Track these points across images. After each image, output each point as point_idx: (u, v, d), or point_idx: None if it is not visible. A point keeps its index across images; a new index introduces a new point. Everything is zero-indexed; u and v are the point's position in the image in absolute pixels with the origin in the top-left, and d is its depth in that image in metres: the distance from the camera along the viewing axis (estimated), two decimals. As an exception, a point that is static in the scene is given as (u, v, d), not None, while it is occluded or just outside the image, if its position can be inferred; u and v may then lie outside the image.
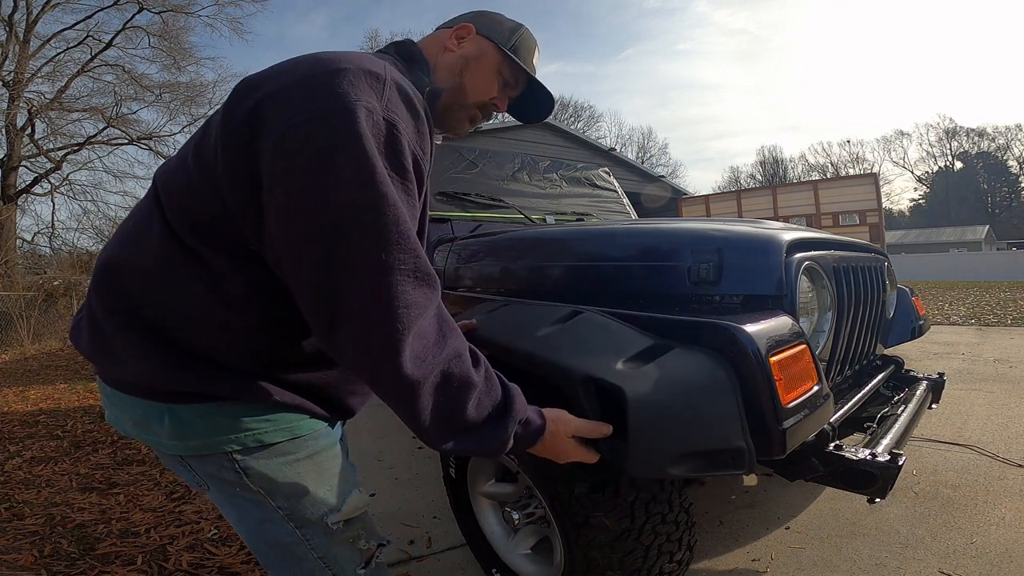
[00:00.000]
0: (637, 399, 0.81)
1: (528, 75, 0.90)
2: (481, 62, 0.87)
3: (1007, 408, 2.87)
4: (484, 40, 0.88)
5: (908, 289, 2.06)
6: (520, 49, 0.90)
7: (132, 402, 0.69)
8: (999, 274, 17.16)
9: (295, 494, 0.72)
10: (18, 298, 8.35)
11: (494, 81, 0.89)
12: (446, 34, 0.87)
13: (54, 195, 15.27)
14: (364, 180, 0.57)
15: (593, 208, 2.83)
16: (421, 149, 0.65)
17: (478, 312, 1.40)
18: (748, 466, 0.85)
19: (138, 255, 0.68)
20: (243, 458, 0.69)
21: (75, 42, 14.83)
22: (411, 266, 0.60)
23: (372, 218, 0.57)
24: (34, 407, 4.04)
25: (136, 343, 0.66)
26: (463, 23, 0.88)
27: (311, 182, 0.57)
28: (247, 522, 0.74)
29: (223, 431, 0.68)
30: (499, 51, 0.88)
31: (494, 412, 0.68)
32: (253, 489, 0.70)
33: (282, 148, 0.58)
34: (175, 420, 0.67)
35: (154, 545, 1.79)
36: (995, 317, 6.98)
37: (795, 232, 1.28)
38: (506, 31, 0.90)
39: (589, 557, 1.03)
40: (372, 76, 0.62)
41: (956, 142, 49.00)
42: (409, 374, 0.59)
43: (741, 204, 9.34)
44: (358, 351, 0.60)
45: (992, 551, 1.53)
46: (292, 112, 0.58)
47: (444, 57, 0.85)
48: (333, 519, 0.74)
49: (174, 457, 0.72)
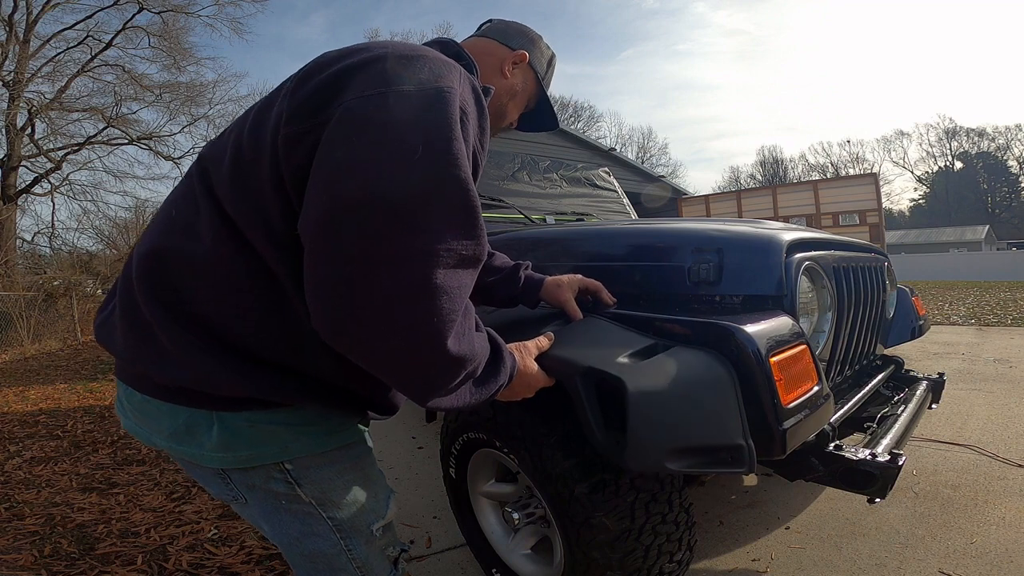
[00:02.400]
0: (637, 392, 0.81)
1: (552, 111, 0.97)
2: (523, 94, 0.92)
3: (1007, 408, 2.87)
4: (531, 72, 0.92)
5: (908, 289, 2.06)
6: (548, 82, 0.96)
7: (173, 411, 0.63)
8: (999, 274, 17.16)
9: (348, 503, 0.70)
10: (18, 298, 8.35)
11: (523, 109, 0.94)
12: (503, 54, 0.89)
13: (54, 195, 15.29)
14: (443, 155, 0.53)
15: (593, 208, 2.83)
16: (480, 144, 0.64)
17: (478, 312, 1.39)
18: (748, 465, 0.85)
19: (187, 244, 0.62)
20: (294, 468, 0.66)
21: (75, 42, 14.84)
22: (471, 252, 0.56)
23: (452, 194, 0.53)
24: (34, 407, 4.04)
25: (188, 342, 0.59)
26: (522, 50, 0.90)
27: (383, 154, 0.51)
28: (289, 533, 0.70)
29: (275, 440, 0.64)
30: (538, 85, 0.93)
31: (490, 360, 0.67)
32: (304, 500, 0.67)
33: (355, 113, 0.53)
34: (224, 429, 0.62)
35: (154, 545, 1.79)
36: (995, 317, 6.98)
37: (795, 232, 1.28)
38: (544, 61, 0.94)
39: (589, 557, 1.03)
40: (448, 65, 0.62)
41: (956, 142, 49.10)
42: (452, 351, 0.56)
43: (741, 204, 9.33)
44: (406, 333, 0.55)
45: (992, 551, 1.53)
46: (373, 83, 0.55)
47: (499, 82, 0.88)
48: (377, 526, 0.73)
49: (212, 471, 0.67)
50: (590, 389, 0.87)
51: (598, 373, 0.86)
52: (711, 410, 0.86)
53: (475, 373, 0.63)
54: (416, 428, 2.88)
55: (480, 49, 0.88)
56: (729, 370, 0.90)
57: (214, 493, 0.72)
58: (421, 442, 2.69)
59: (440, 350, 0.54)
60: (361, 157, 0.51)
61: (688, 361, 0.91)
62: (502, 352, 0.70)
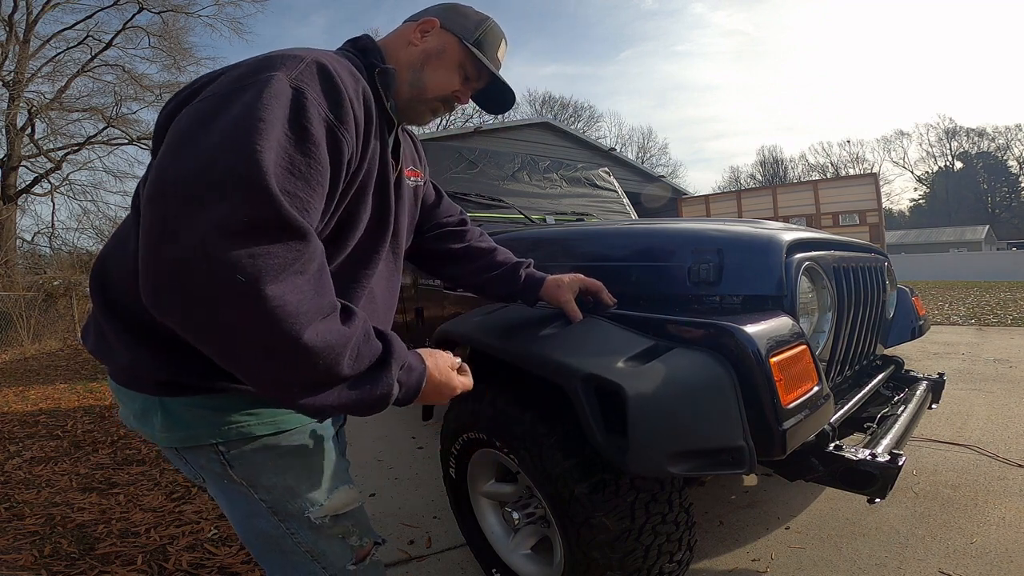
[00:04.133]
0: (637, 397, 0.81)
1: (490, 71, 0.90)
2: (443, 57, 0.87)
3: (1007, 408, 2.87)
4: (447, 34, 0.87)
5: (908, 289, 2.06)
6: (484, 43, 0.89)
7: (131, 395, 0.71)
8: (999, 274, 17.15)
9: (276, 487, 0.72)
10: (18, 298, 8.35)
11: (456, 75, 0.88)
12: (410, 28, 0.87)
13: (54, 195, 15.29)
14: (239, 135, 0.54)
15: (593, 208, 2.83)
16: (339, 120, 0.64)
17: (478, 312, 1.40)
18: (748, 466, 0.85)
19: (121, 247, 0.69)
20: (227, 450, 0.70)
21: (75, 42, 14.85)
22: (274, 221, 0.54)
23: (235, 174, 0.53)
24: (34, 407, 4.04)
25: (123, 333, 0.67)
26: (428, 17, 0.88)
27: (193, 136, 0.55)
28: (236, 513, 0.75)
29: (208, 423, 0.69)
30: (462, 45, 0.87)
31: (376, 363, 0.61)
32: (236, 481, 0.72)
33: (183, 116, 0.59)
34: (166, 413, 0.69)
35: (154, 545, 1.79)
36: (995, 317, 6.98)
37: (795, 232, 1.28)
38: (471, 24, 0.89)
39: (589, 557, 1.03)
40: (290, 58, 0.63)
41: (956, 142, 49.09)
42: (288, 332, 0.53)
43: (741, 204, 9.33)
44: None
45: (992, 551, 1.53)
46: (207, 91, 0.61)
47: (406, 52, 0.85)
48: (317, 514, 0.74)
49: (171, 450, 0.73)
50: (590, 394, 0.87)
51: (598, 379, 0.86)
52: (711, 413, 0.86)
53: (337, 370, 0.56)
54: (416, 428, 2.88)
55: (393, 37, 0.88)
56: (729, 371, 0.90)
57: (185, 473, 0.77)
58: (421, 442, 2.69)
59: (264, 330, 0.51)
60: (165, 148, 0.56)
61: (688, 364, 0.91)
62: (392, 348, 0.63)
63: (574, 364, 0.91)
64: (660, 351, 0.93)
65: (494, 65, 0.91)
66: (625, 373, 0.86)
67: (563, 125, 12.77)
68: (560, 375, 0.93)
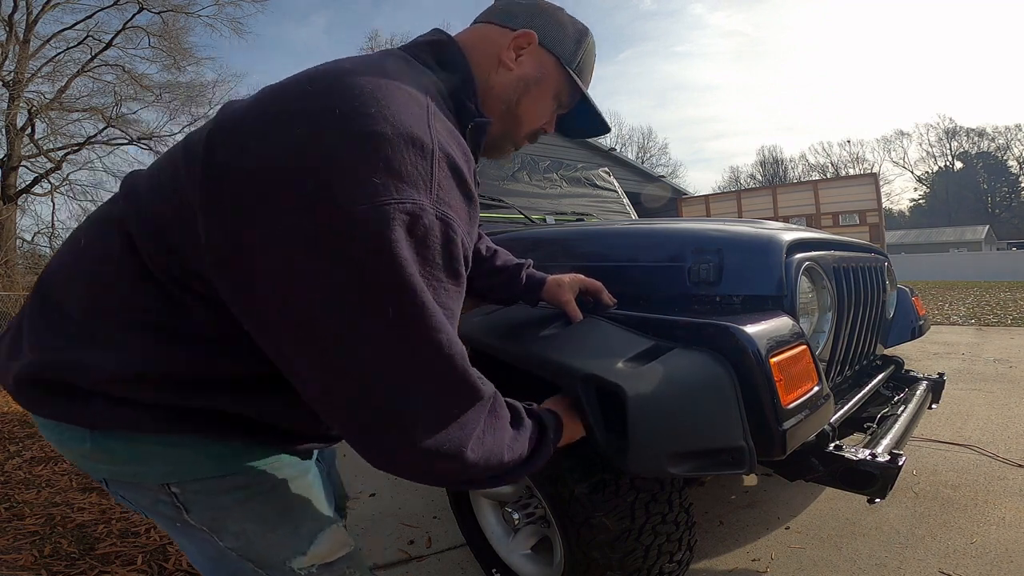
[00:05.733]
0: (637, 398, 0.81)
1: (587, 99, 0.77)
2: (541, 86, 0.72)
3: (1007, 408, 2.87)
4: (546, 55, 0.71)
5: (908, 289, 2.06)
6: (584, 66, 0.75)
7: (46, 424, 0.61)
8: (999, 274, 17.14)
9: (247, 534, 0.61)
10: (18, 298, 8.33)
11: (551, 105, 0.75)
12: (501, 38, 0.70)
13: (54, 195, 15.27)
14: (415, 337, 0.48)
15: (593, 208, 2.83)
16: (470, 232, 0.56)
17: (478, 312, 1.40)
18: (748, 466, 0.85)
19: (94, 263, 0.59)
20: (181, 491, 0.58)
21: (75, 42, 14.83)
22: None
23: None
24: (34, 407, 4.04)
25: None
26: (524, 29, 0.70)
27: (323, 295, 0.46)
28: (200, 556, 0.64)
29: (156, 460, 0.57)
30: (562, 71, 0.72)
31: (537, 445, 0.65)
32: (195, 526, 0.60)
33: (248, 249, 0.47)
34: (96, 444, 0.57)
35: (154, 545, 1.79)
36: (995, 317, 6.98)
37: (795, 232, 1.28)
38: (571, 42, 0.73)
39: (589, 557, 1.03)
40: (416, 147, 0.48)
41: (956, 142, 49.10)
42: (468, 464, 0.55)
43: (741, 204, 9.34)
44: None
45: (992, 551, 1.53)
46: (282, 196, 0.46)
47: (499, 77, 0.69)
48: (300, 563, 0.63)
49: (100, 479, 0.62)
50: (591, 394, 0.87)
51: (598, 379, 0.86)
52: (712, 413, 0.86)
53: (513, 467, 0.60)
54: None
55: (475, 44, 0.70)
56: (729, 371, 0.90)
57: (127, 506, 0.67)
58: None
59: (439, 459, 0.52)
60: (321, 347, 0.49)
61: (688, 364, 0.91)
62: (547, 433, 0.68)
63: (574, 364, 0.91)
64: (660, 351, 0.93)
65: (587, 87, 0.77)
66: (625, 373, 0.86)
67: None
68: (560, 375, 0.93)
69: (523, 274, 1.09)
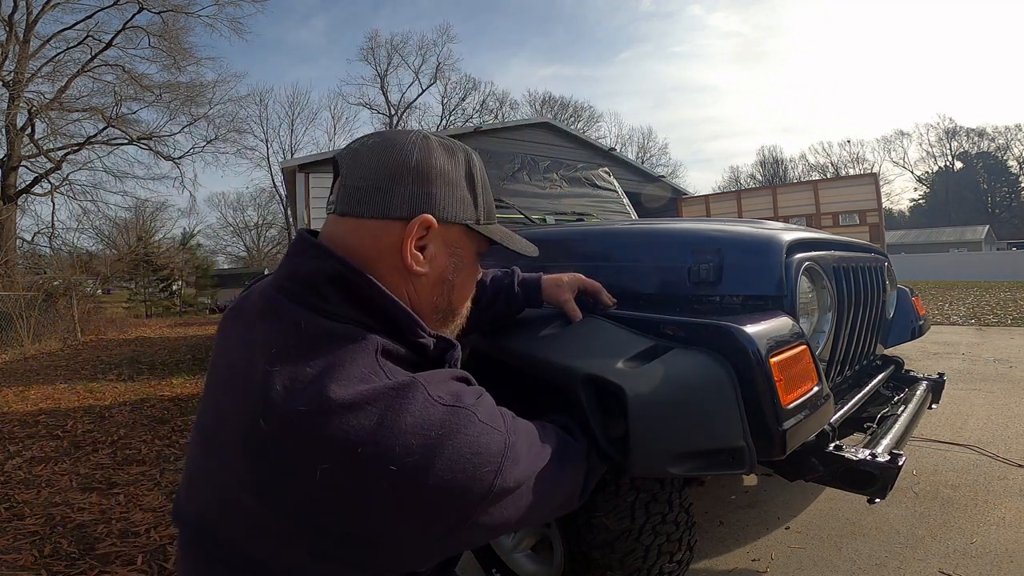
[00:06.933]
0: (637, 398, 0.81)
1: (495, 228, 0.67)
2: (462, 266, 0.63)
3: (1007, 408, 2.87)
4: (451, 229, 0.60)
5: (908, 289, 2.06)
6: (488, 199, 0.65)
7: None
8: (999, 274, 17.16)
9: None
10: (18, 298, 8.34)
11: (477, 270, 0.68)
12: (387, 236, 0.55)
13: (54, 195, 15.29)
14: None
15: (593, 208, 2.83)
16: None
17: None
18: (748, 466, 0.85)
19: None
20: None
21: (75, 42, 14.86)
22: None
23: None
24: (34, 407, 4.04)
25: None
26: (416, 217, 0.55)
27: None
28: None
29: None
30: (471, 233, 0.62)
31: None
32: None
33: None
34: None
35: (154, 545, 1.79)
36: (995, 317, 6.98)
37: (795, 232, 1.28)
38: (466, 188, 0.61)
39: (589, 557, 1.03)
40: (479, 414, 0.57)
41: (956, 142, 49.08)
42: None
43: (741, 204, 9.33)
44: None
45: (992, 551, 1.53)
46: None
47: (417, 286, 0.58)
48: None
49: None
50: (591, 395, 0.87)
51: (598, 379, 0.86)
52: (712, 413, 0.86)
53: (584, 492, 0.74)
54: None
55: (360, 245, 0.55)
56: (729, 371, 0.90)
57: None
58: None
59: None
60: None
61: (688, 364, 0.91)
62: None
63: (574, 365, 0.91)
64: (660, 351, 0.93)
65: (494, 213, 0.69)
66: (625, 374, 0.86)
67: (563, 125, 12.74)
68: (560, 376, 0.93)
69: (517, 289, 1.06)
